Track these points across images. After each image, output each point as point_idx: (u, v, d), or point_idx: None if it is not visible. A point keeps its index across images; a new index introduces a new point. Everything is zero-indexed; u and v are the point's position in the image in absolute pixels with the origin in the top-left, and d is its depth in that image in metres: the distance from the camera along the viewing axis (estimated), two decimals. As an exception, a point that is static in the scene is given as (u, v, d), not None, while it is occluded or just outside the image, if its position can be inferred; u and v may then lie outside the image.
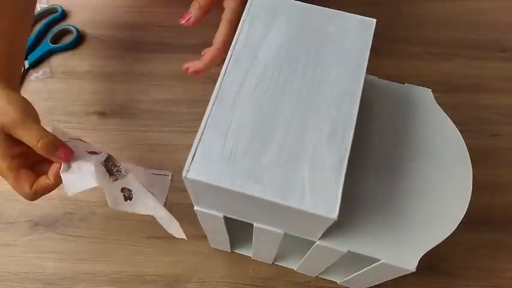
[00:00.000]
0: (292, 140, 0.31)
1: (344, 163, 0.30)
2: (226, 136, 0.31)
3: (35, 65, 0.63)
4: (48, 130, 0.39)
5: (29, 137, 0.37)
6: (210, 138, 0.31)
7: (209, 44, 0.46)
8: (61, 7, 0.67)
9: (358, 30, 0.36)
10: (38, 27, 0.66)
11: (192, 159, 0.30)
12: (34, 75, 0.62)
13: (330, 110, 0.33)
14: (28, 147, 0.38)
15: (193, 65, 0.47)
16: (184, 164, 0.30)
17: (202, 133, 0.31)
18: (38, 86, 0.61)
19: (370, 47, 0.36)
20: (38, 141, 0.37)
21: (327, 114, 0.33)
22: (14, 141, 0.38)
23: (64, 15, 0.68)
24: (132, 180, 0.41)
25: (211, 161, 0.30)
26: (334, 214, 0.28)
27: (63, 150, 0.38)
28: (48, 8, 0.68)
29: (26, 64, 0.62)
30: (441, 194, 0.37)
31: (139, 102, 0.60)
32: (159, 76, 0.63)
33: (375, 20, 0.37)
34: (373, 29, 0.37)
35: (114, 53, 0.65)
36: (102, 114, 0.59)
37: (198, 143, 0.31)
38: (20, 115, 0.37)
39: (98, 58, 0.64)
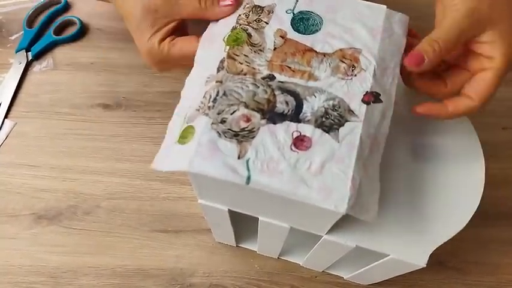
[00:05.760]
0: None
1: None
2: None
3: (38, 56, 0.62)
4: None
5: None
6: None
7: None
8: (64, -2, 0.67)
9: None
10: (41, 18, 0.65)
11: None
12: (37, 67, 0.61)
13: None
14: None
15: (430, 108, 0.35)
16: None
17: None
18: (41, 78, 0.61)
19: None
20: None
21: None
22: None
23: (67, 6, 0.67)
24: None
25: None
26: (342, 208, 0.28)
27: None
28: (51, -1, 0.67)
29: (29, 56, 0.62)
30: (453, 187, 0.36)
31: (143, 95, 0.59)
32: (163, 68, 0.62)
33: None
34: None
35: (118, 45, 0.64)
36: (106, 106, 0.58)
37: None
38: None
39: (101, 50, 0.63)
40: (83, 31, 0.65)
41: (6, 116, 0.57)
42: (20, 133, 0.56)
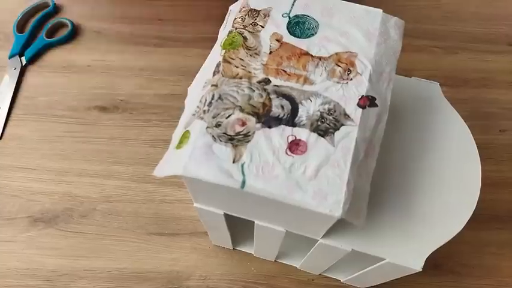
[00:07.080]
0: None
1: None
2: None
3: (32, 60, 0.62)
4: None
5: None
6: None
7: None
8: (53, 1, 0.67)
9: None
10: (31, 23, 0.65)
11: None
12: (33, 71, 0.61)
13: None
14: None
15: None
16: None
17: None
18: (38, 81, 0.61)
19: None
20: None
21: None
22: None
23: (56, 9, 0.67)
24: None
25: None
26: (337, 212, 0.28)
27: None
28: (39, 3, 0.67)
29: (24, 61, 0.62)
30: (449, 191, 0.35)
31: (140, 97, 0.59)
32: (160, 70, 0.62)
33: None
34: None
35: (114, 47, 0.64)
36: (103, 109, 0.58)
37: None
38: None
39: (98, 52, 0.63)
40: (75, 33, 0.65)
41: (6, 123, 0.57)
42: (16, 136, 0.56)
